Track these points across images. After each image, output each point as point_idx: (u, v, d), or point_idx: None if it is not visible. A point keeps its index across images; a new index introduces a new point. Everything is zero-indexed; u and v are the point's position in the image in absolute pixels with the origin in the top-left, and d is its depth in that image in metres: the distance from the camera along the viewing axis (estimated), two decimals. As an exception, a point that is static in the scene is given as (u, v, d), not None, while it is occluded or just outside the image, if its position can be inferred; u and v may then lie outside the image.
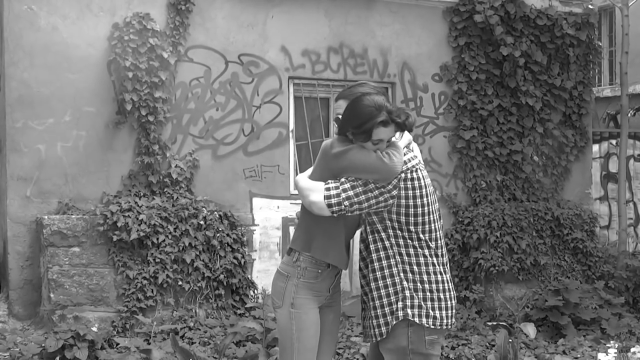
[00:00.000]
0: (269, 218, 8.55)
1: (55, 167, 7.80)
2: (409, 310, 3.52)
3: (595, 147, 10.67)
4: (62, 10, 7.82)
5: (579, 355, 7.64)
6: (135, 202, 7.73)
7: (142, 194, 7.96)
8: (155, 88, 7.94)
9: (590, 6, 9.87)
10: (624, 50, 9.96)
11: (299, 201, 3.96)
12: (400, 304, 3.53)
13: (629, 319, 8.65)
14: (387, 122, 3.54)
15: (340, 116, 3.69)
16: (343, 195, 3.53)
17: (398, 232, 3.58)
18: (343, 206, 3.54)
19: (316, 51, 8.85)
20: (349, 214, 3.62)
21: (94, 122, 7.94)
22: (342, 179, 3.58)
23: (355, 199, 3.53)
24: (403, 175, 3.55)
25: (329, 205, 3.55)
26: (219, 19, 8.43)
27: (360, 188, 3.53)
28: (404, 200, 3.54)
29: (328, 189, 3.57)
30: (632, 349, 6.46)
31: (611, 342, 7.41)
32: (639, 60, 12.49)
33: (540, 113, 9.63)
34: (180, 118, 8.25)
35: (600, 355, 6.22)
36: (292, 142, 8.77)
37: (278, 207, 8.55)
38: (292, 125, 8.80)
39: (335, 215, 3.61)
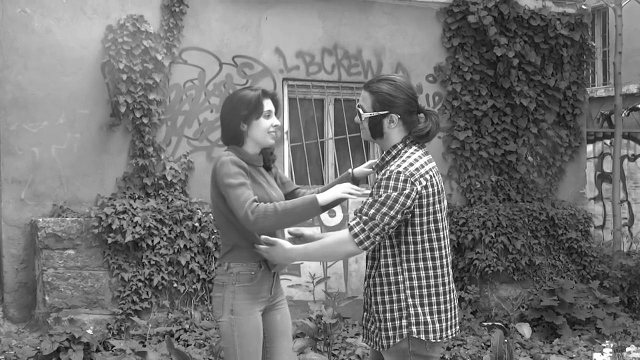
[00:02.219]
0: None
1: (49, 169, 7.79)
2: (413, 328, 3.46)
3: (590, 147, 10.70)
4: (56, 12, 7.82)
5: (574, 355, 7.66)
6: (130, 205, 7.72)
7: (136, 196, 7.95)
8: (149, 90, 7.93)
9: (583, 6, 9.89)
10: (617, 50, 9.99)
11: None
12: (404, 322, 3.46)
13: (624, 319, 8.66)
14: (266, 92, 3.97)
15: (361, 107, 3.61)
16: (372, 234, 3.39)
17: (411, 245, 3.48)
18: (376, 240, 3.42)
19: (310, 52, 8.85)
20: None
21: (88, 125, 7.93)
22: (364, 209, 3.42)
23: (379, 228, 3.39)
24: (425, 183, 3.43)
25: (365, 249, 3.43)
26: (213, 20, 8.43)
27: (380, 214, 3.38)
28: (417, 210, 3.44)
29: (356, 235, 3.41)
30: (627, 349, 6.47)
31: (606, 341, 7.43)
32: (633, 60, 12.53)
33: (535, 113, 9.65)
34: (175, 120, 8.25)
35: (596, 355, 6.23)
36: (286, 143, 8.77)
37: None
38: (286, 127, 8.79)
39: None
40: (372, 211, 3.40)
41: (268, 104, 3.95)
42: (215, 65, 8.44)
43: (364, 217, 3.41)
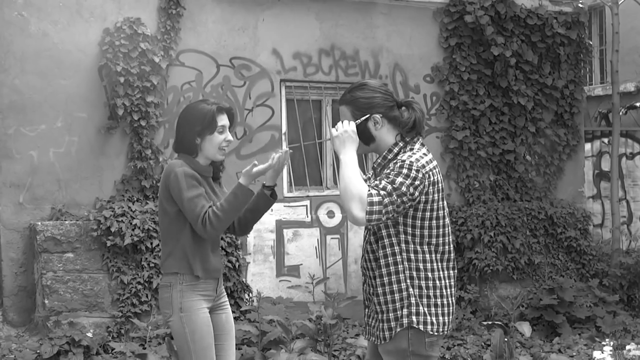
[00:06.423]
0: (262, 221, 8.47)
1: (48, 173, 7.78)
2: (413, 318, 3.48)
3: (588, 146, 10.70)
4: (53, 16, 7.81)
5: (574, 354, 7.66)
6: (129, 207, 7.71)
7: (135, 199, 7.95)
8: (147, 92, 7.92)
9: (580, 5, 9.91)
10: (614, 48, 10.00)
11: (293, 204, 3.98)
12: (405, 311, 3.48)
13: (623, 317, 8.67)
14: (221, 108, 4.08)
15: (341, 122, 3.61)
16: (384, 210, 3.33)
17: (410, 237, 3.48)
18: (383, 218, 3.36)
19: (307, 53, 8.86)
20: None
21: (86, 128, 7.92)
22: (387, 187, 3.35)
23: (392, 207, 3.34)
24: (432, 178, 3.44)
25: (369, 221, 3.35)
26: (210, 22, 8.43)
27: (395, 195, 3.34)
28: (421, 204, 3.46)
29: (371, 203, 3.33)
30: (627, 347, 6.47)
31: (606, 340, 7.43)
32: (630, 58, 12.53)
33: (532, 112, 9.65)
34: (173, 122, 8.21)
35: (596, 354, 6.23)
36: (284, 144, 8.76)
37: (272, 210, 8.51)
38: (284, 128, 8.79)
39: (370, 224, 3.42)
40: (390, 190, 3.35)
41: (223, 119, 4.08)
42: (212, 67, 8.44)
43: (382, 192, 3.35)
